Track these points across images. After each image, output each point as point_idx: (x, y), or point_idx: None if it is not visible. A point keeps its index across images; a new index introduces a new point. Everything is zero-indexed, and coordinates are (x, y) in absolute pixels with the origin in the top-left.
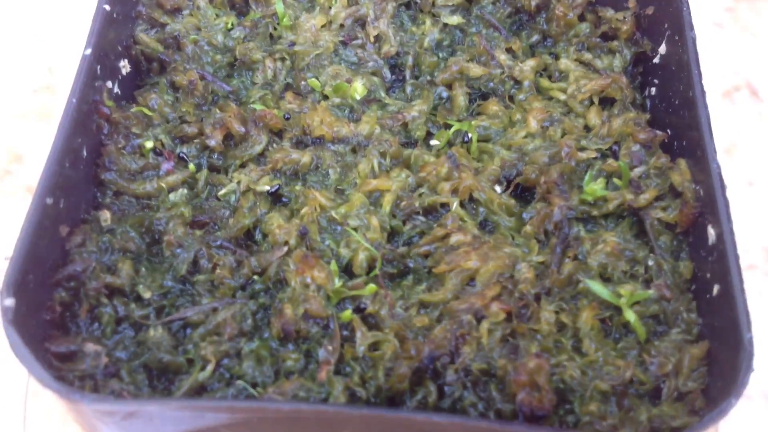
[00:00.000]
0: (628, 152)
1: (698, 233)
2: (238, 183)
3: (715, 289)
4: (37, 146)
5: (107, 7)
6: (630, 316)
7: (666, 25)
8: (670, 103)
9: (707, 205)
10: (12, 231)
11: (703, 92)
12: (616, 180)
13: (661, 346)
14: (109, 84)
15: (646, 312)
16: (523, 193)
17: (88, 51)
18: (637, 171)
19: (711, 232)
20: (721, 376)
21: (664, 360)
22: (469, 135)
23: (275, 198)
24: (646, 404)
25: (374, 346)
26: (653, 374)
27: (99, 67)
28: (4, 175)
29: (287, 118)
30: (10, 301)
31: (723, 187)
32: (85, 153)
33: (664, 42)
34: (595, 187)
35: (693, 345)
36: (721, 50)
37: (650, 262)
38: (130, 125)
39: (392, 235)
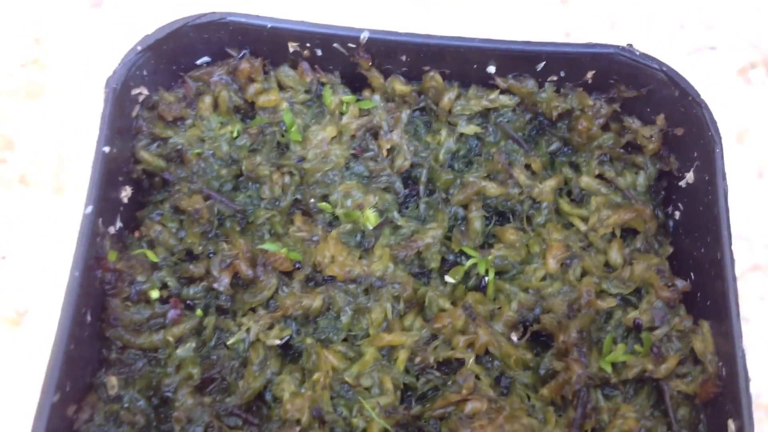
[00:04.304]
0: (649, 307)
1: (717, 410)
2: (248, 331)
3: None
4: (28, 130)
5: (107, 150)
6: None
7: (696, 154)
8: (694, 244)
9: (729, 392)
10: (7, 226)
11: (732, 260)
12: (637, 347)
13: None
14: (111, 230)
15: None
16: (540, 335)
17: (89, 209)
18: (659, 333)
19: (731, 426)
20: None
21: None
22: (486, 279)
23: (285, 346)
24: None
25: None
26: None
27: (100, 220)
28: None
29: (297, 268)
30: None
31: (747, 380)
32: (89, 318)
33: (692, 170)
34: (615, 354)
35: None
36: (739, 20)
37: None
38: (134, 273)
39: (405, 389)
